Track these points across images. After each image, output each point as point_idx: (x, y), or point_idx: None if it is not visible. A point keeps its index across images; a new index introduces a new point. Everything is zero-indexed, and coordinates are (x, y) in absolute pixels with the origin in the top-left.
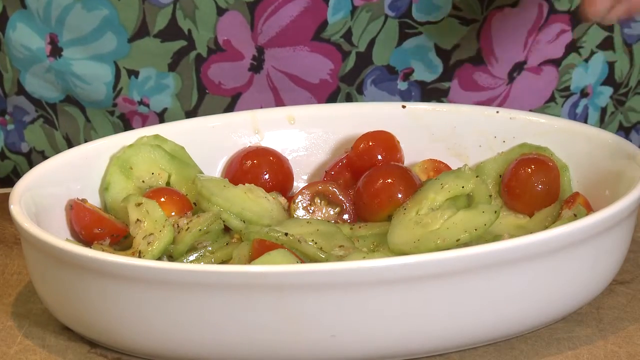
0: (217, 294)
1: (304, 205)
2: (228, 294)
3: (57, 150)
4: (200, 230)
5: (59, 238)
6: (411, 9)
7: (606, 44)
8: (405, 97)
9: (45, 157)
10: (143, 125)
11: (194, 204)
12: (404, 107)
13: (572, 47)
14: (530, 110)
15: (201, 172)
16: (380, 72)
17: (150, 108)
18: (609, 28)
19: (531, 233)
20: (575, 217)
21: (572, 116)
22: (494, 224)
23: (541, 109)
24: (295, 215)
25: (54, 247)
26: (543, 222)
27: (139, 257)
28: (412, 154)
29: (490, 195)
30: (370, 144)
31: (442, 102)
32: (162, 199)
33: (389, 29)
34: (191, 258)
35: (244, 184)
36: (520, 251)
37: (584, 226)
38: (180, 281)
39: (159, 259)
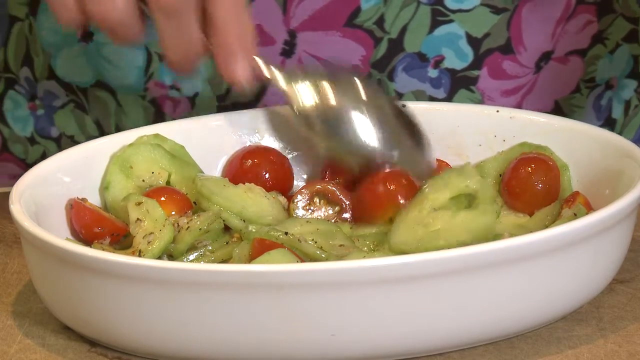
0: (217, 293)
1: (303, 204)
2: (228, 293)
3: (87, 135)
4: (200, 229)
5: (59, 237)
6: None
7: (631, 37)
8: (436, 84)
9: (74, 142)
10: (174, 110)
11: (194, 203)
12: (404, 106)
13: (598, 38)
14: (556, 100)
15: (201, 172)
16: (412, 59)
17: (182, 93)
18: (634, 20)
19: (531, 232)
20: (576, 216)
21: (597, 108)
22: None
23: (567, 99)
24: (295, 215)
25: (54, 246)
26: (543, 221)
27: (139, 256)
28: None
29: (494, 196)
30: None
31: (471, 90)
32: (162, 198)
33: (421, 15)
34: (191, 257)
35: (244, 183)
36: (521, 250)
37: (584, 225)
38: (180, 280)
39: (159, 258)
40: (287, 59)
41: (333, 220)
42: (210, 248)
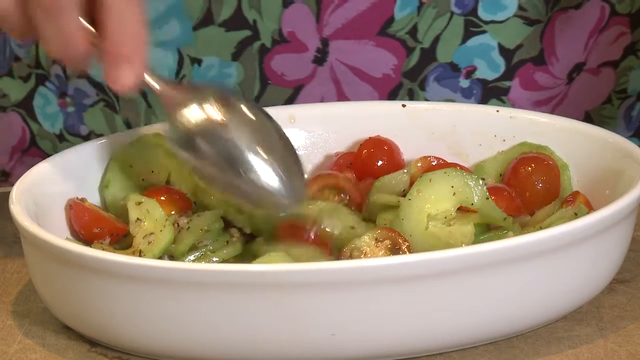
0: (217, 293)
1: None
2: (228, 293)
3: None
4: (201, 230)
5: (59, 237)
6: (477, 7)
7: None
8: (467, 94)
9: None
10: None
11: (194, 203)
12: (404, 106)
13: (631, 50)
14: (587, 111)
15: None
16: (443, 69)
17: None
18: None
19: (531, 232)
20: (577, 215)
21: (628, 118)
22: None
23: (598, 110)
24: None
25: (54, 246)
26: (543, 221)
27: (140, 256)
28: (412, 153)
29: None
30: (372, 150)
31: (502, 100)
32: (162, 198)
33: (454, 26)
34: (191, 257)
35: None
36: (521, 250)
37: (584, 225)
38: (180, 280)
39: (160, 258)
40: (319, 66)
41: None
42: (210, 248)
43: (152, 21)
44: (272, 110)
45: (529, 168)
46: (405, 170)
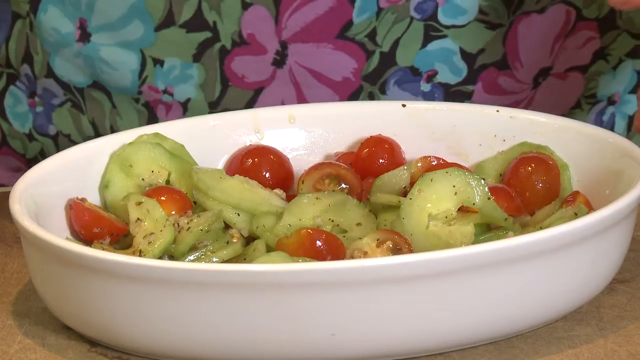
0: (218, 293)
1: (312, 184)
2: (228, 293)
3: (83, 135)
4: (201, 230)
5: (59, 237)
6: (437, 12)
7: (635, 52)
8: (428, 98)
9: (71, 141)
10: (167, 114)
11: (194, 202)
12: (404, 106)
13: (600, 55)
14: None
15: None
16: (404, 73)
17: (175, 97)
18: (639, 36)
19: (531, 232)
20: (577, 215)
21: (599, 123)
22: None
23: (567, 115)
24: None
25: (54, 246)
26: (543, 220)
27: (140, 256)
28: (412, 153)
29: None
30: (373, 149)
31: None
32: (162, 198)
33: (414, 30)
34: (191, 257)
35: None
36: (521, 250)
37: (584, 225)
38: (180, 280)
39: (160, 258)
40: (279, 69)
41: None
42: (210, 248)
43: (114, 22)
44: (271, 111)
45: (529, 168)
46: (406, 167)
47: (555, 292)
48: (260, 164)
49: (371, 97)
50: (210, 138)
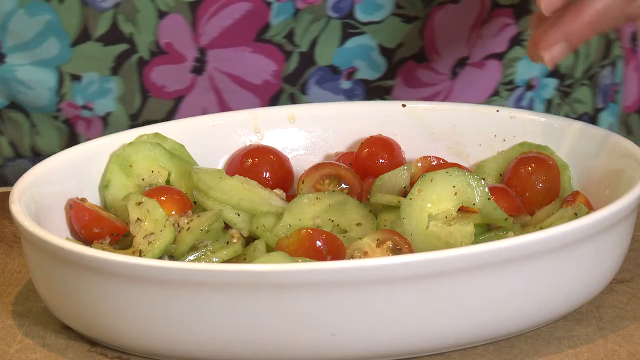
0: (217, 293)
1: (312, 184)
2: (228, 293)
3: (2, 156)
4: (201, 230)
5: (59, 237)
6: (354, 10)
7: None
8: (349, 96)
9: None
10: (87, 129)
11: (194, 202)
12: (404, 105)
13: (516, 41)
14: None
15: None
16: (324, 72)
17: (94, 112)
18: None
19: (531, 232)
20: (577, 215)
21: (518, 108)
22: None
23: (486, 103)
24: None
25: (54, 245)
26: (543, 220)
27: (140, 256)
28: (412, 153)
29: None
30: (373, 149)
31: (385, 99)
32: (162, 198)
33: (331, 29)
34: (191, 257)
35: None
36: (521, 250)
37: (584, 225)
38: (180, 280)
39: (160, 258)
40: (199, 76)
41: None
42: (210, 248)
43: (28, 41)
44: (271, 111)
45: (529, 168)
46: (406, 167)
47: (555, 292)
48: (260, 164)
49: (292, 98)
50: (210, 138)
